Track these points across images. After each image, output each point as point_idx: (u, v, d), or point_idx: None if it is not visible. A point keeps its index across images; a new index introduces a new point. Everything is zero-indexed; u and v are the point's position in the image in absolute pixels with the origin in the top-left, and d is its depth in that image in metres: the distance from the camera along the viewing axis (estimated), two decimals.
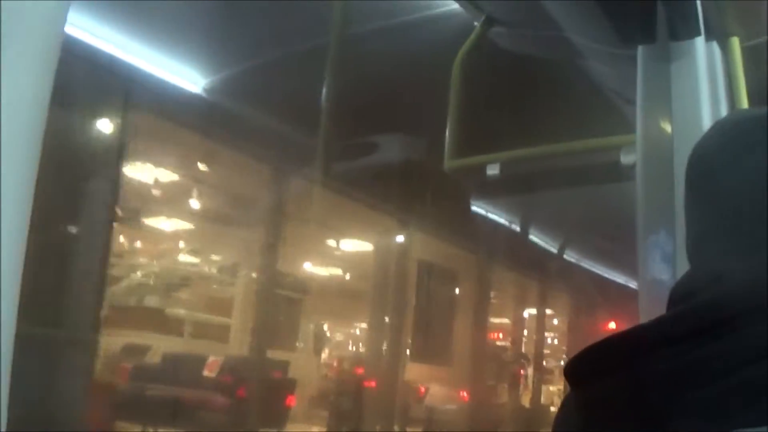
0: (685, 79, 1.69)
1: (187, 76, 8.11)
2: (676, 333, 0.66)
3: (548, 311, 18.79)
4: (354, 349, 20.45)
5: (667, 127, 1.70)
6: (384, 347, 12.66)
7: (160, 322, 13.16)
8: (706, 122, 1.58)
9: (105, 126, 7.97)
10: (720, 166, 0.82)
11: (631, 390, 0.65)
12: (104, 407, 8.10)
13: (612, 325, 17.03)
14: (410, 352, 14.31)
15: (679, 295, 0.77)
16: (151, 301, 14.16)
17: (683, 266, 0.82)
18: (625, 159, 2.40)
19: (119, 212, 10.42)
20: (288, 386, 11.34)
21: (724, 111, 1.65)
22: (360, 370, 13.15)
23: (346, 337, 21.32)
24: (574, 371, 0.73)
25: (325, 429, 11.30)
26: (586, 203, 8.24)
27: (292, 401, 11.33)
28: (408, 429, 13.57)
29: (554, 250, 14.26)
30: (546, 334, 19.22)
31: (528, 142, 3.08)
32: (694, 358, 0.64)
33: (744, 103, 1.62)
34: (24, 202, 0.61)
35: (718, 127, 0.88)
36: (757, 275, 0.68)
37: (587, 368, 0.71)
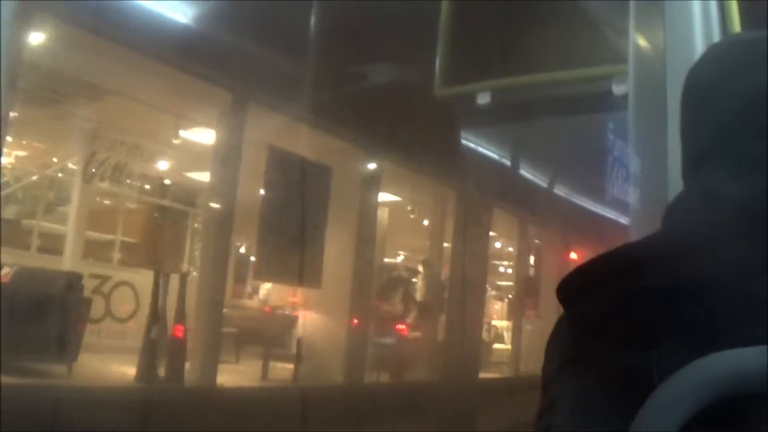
0: (677, 6, 1.68)
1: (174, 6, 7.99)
2: (668, 250, 0.66)
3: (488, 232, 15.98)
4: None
5: (660, 56, 1.69)
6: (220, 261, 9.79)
7: (15, 235, 11.46)
8: (699, 50, 1.58)
9: None
10: (716, 87, 0.81)
11: (623, 307, 0.64)
12: None
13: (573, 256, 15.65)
14: (255, 268, 11.39)
15: (673, 213, 0.77)
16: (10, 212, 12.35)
17: (674, 194, 0.83)
18: (617, 89, 2.39)
19: None
20: (77, 308, 8.83)
21: (717, 37, 1.65)
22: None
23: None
24: (567, 289, 0.72)
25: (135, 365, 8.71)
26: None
27: (83, 327, 8.84)
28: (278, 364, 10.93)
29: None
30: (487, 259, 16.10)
31: (519, 72, 3.08)
32: (686, 275, 0.63)
33: (737, 28, 1.62)
34: None
35: (713, 50, 0.88)
36: (752, 195, 0.68)
37: (579, 286, 0.70)
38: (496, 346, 17.62)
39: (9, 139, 10.90)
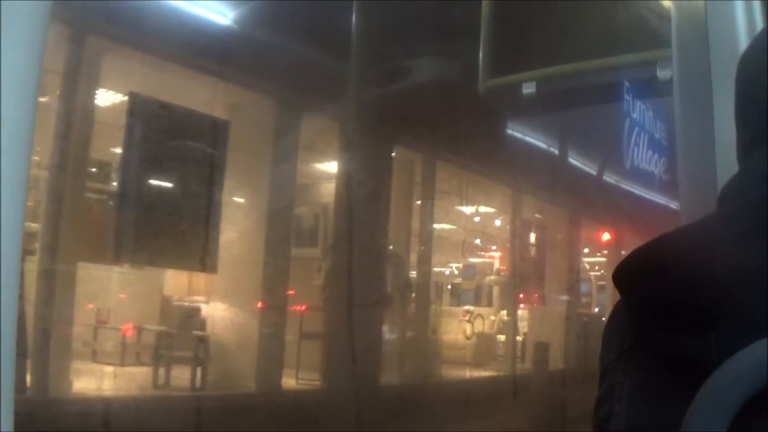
0: None
1: (214, 7, 7.90)
2: (724, 234, 0.66)
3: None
4: None
5: (703, 38, 1.71)
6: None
7: None
8: (742, 28, 1.59)
9: None
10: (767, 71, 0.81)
11: (680, 291, 0.65)
12: None
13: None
14: (113, 248, 7.67)
15: (728, 195, 0.77)
16: None
17: (723, 178, 0.86)
18: (662, 74, 2.37)
19: None
20: None
21: (759, 21, 1.66)
22: None
23: None
24: (623, 275, 0.72)
25: None
26: None
27: None
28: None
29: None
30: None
31: (562, 60, 3.07)
32: (742, 258, 0.63)
33: None
34: (19, 198, 0.60)
35: (764, 35, 0.88)
36: None
37: (635, 271, 0.70)
38: (501, 337, 15.59)
39: None
